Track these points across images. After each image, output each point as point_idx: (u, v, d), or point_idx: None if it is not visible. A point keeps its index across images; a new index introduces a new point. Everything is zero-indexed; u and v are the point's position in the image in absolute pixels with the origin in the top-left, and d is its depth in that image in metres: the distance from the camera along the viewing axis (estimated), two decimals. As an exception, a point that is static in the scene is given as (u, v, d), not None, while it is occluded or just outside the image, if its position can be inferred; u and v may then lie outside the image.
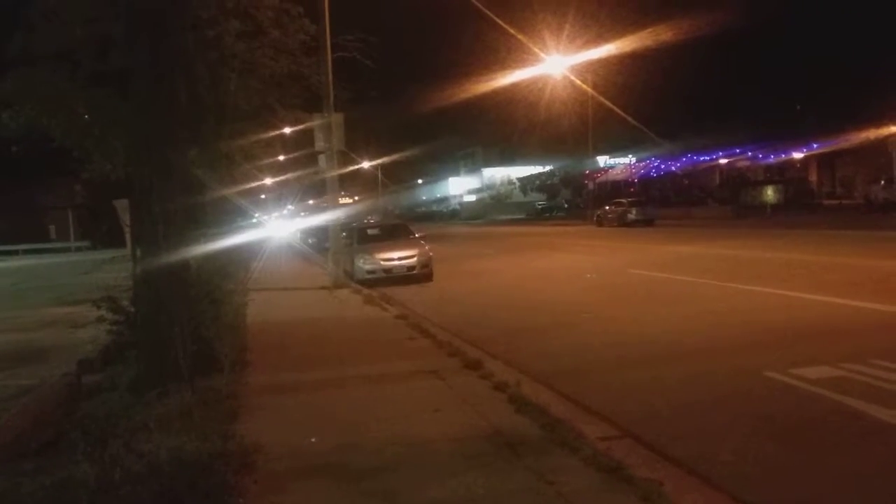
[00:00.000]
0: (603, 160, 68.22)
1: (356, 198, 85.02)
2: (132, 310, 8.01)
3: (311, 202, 40.46)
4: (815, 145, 51.96)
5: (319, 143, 17.57)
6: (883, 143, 33.23)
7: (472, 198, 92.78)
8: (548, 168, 78.69)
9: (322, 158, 17.91)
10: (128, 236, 8.87)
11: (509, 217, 74.44)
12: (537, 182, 79.37)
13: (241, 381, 7.78)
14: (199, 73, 8.59)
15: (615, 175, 69.30)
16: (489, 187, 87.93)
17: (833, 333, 9.12)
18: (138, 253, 7.77)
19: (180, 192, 7.79)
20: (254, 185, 16.12)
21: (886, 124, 38.73)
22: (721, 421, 6.16)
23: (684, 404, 6.68)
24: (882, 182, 37.19)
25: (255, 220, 24.82)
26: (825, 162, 55.65)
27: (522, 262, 23.30)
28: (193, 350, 7.24)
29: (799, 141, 52.20)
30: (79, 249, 50.93)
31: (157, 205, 7.58)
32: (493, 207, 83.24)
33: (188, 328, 7.23)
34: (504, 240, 37.01)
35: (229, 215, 10.78)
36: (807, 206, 41.62)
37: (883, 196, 35.86)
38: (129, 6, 7.72)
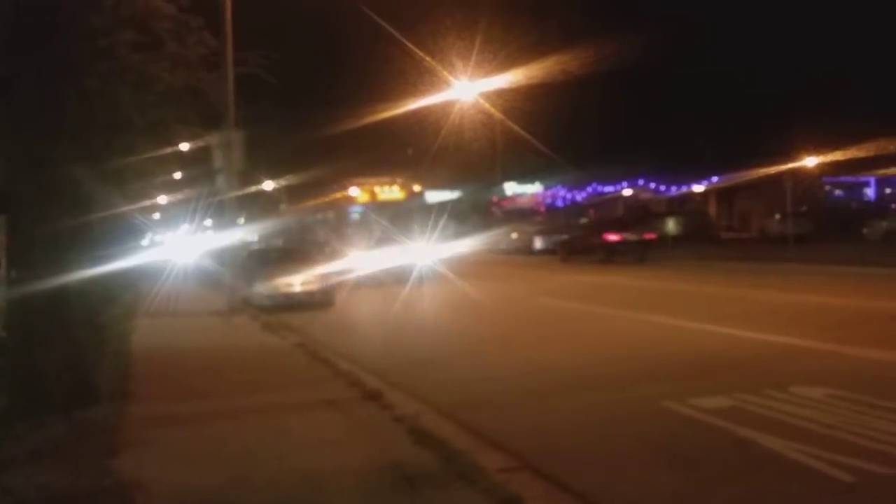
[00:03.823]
0: (511, 188, 69.28)
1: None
2: (3, 335, 7.45)
3: (208, 223, 39.08)
4: (714, 179, 54.34)
5: (218, 162, 16.94)
6: (779, 178, 35.02)
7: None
8: (456, 194, 79.24)
9: (220, 178, 17.32)
10: (2, 257, 8.23)
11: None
12: (447, 208, 79.74)
13: (123, 413, 7.36)
14: (90, 85, 8.15)
15: (522, 202, 70.43)
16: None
17: (729, 364, 9.36)
18: (13, 275, 7.26)
19: (64, 211, 7.35)
20: (148, 204, 15.48)
21: (783, 161, 40.87)
22: (620, 451, 6.18)
23: (583, 435, 6.70)
24: (777, 216, 39.08)
25: (149, 242, 23.84)
26: (724, 195, 58.17)
27: (426, 290, 23.20)
28: (71, 379, 6.78)
29: (700, 174, 54.47)
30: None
31: (37, 225, 7.13)
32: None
33: (65, 356, 6.77)
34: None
35: (120, 236, 10.27)
36: (706, 238, 43.19)
37: (778, 230, 37.63)
38: (14, 10, 7.27)
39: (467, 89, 30.87)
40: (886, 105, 40.42)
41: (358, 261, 22.02)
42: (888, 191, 50.44)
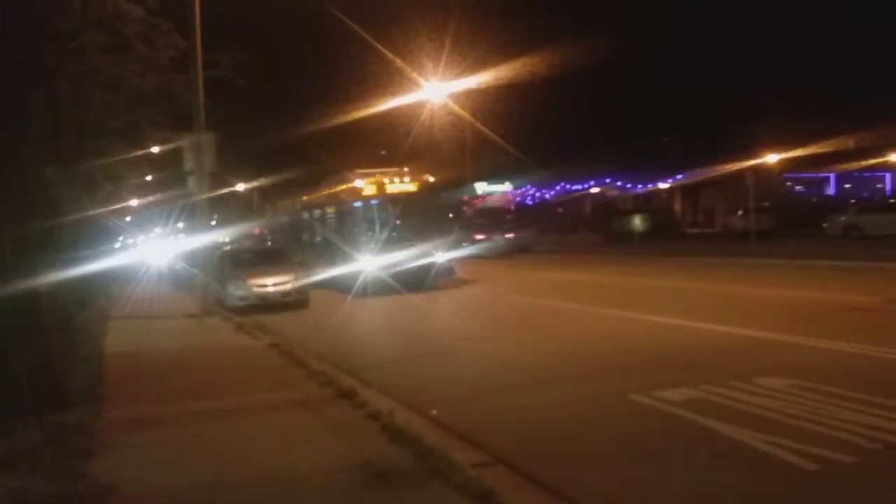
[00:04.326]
0: (481, 187, 69.31)
1: None
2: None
3: (181, 225, 38.58)
4: (679, 176, 54.92)
5: (189, 164, 16.83)
6: (741, 175, 35.49)
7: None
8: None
9: (191, 180, 17.20)
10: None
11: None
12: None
13: (97, 416, 7.31)
14: (59, 87, 8.09)
15: (493, 202, 70.44)
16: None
17: (694, 356, 9.53)
18: (-18, 279, 7.19)
19: (34, 214, 7.29)
20: (119, 206, 15.34)
21: (745, 157, 41.40)
22: (589, 445, 6.29)
23: (554, 429, 6.79)
24: (739, 212, 39.59)
25: (121, 244, 23.54)
26: (689, 192, 58.86)
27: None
28: (43, 383, 6.73)
29: (665, 172, 55.02)
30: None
31: (6, 228, 7.07)
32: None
33: (37, 359, 6.72)
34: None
35: (92, 239, 10.18)
36: (672, 234, 43.64)
37: (740, 225, 38.13)
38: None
39: (437, 90, 30.90)
40: (845, 102, 41.27)
41: (361, 262, 20.61)
42: (847, 186, 51.40)
